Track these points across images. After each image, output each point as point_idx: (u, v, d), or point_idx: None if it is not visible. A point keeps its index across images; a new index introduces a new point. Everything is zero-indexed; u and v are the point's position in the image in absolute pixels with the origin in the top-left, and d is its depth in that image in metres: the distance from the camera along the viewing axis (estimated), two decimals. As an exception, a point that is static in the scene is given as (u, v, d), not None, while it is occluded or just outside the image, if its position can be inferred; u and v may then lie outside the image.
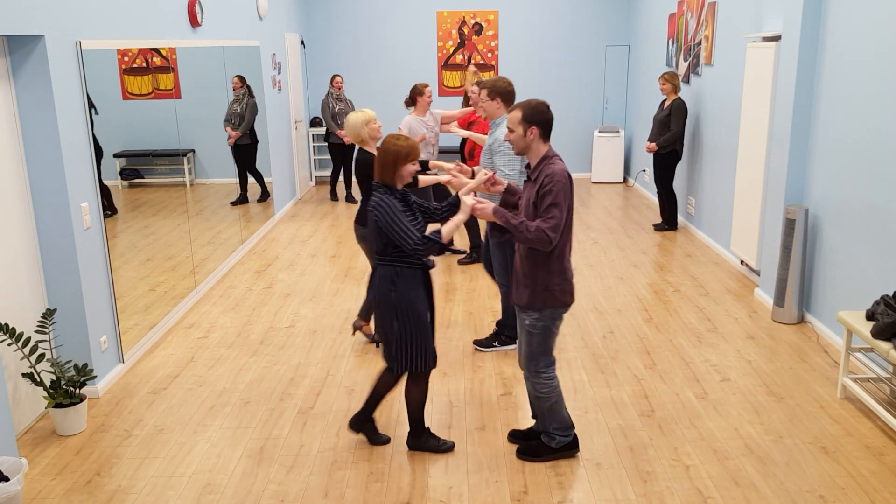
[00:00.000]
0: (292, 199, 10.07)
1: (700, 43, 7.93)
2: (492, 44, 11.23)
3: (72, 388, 4.21)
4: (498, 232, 3.73)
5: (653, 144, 8.02)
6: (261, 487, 3.71)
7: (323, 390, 4.72)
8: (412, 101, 6.78)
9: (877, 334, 3.98)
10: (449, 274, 6.97)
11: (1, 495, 3.27)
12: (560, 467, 3.83)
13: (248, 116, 7.76)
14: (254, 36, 8.30)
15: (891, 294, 4.15)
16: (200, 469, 3.88)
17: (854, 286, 4.95)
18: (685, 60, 8.44)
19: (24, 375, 4.07)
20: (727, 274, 6.83)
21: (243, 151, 7.80)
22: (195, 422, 4.36)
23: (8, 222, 4.13)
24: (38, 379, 4.09)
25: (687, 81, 8.39)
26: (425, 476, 3.78)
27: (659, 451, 3.95)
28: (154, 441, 4.16)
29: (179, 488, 3.72)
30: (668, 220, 8.33)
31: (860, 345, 4.86)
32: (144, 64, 5.54)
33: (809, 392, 4.56)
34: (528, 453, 3.89)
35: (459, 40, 11.23)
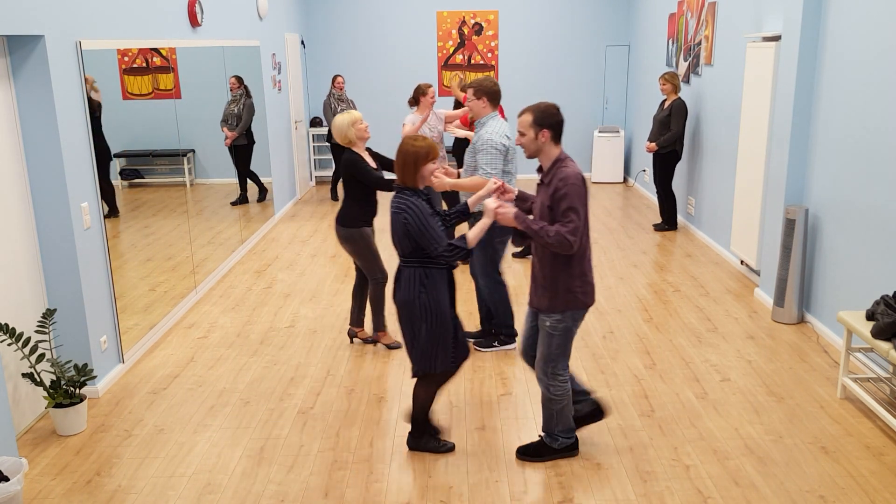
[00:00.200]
0: (292, 199, 10.08)
1: (700, 43, 7.93)
2: (492, 44, 11.24)
3: (72, 388, 4.21)
4: (519, 237, 3.73)
5: (653, 144, 8.02)
6: (261, 487, 3.71)
7: (323, 390, 4.72)
8: (415, 101, 6.82)
9: (877, 334, 3.98)
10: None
11: (1, 495, 3.27)
12: (560, 467, 3.83)
13: (245, 117, 7.75)
14: (254, 36, 8.30)
15: (891, 294, 4.15)
16: (200, 469, 3.88)
17: (854, 286, 4.95)
18: (685, 60, 8.45)
19: (24, 375, 4.08)
20: (727, 274, 6.83)
21: (240, 152, 7.80)
22: (195, 422, 4.36)
23: (8, 222, 4.13)
24: (38, 379, 4.09)
25: (687, 81, 8.39)
26: (425, 476, 3.78)
27: (659, 451, 3.95)
28: (154, 441, 4.16)
29: (179, 488, 3.72)
30: (668, 220, 8.33)
31: (860, 345, 4.86)
32: (144, 64, 5.54)
33: (809, 392, 4.56)
34: (529, 453, 3.89)
35: (459, 40, 11.23)
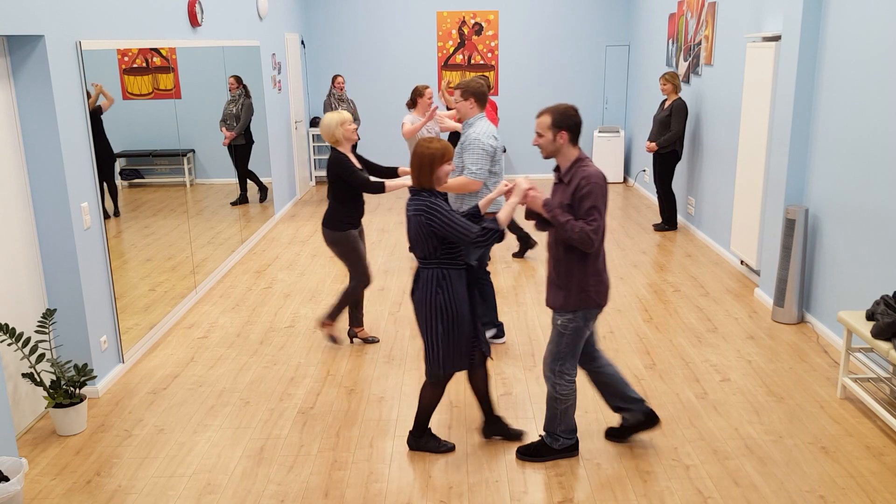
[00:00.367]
0: (292, 200, 10.07)
1: (700, 43, 7.93)
2: (492, 44, 11.24)
3: (72, 388, 4.21)
4: (541, 224, 3.73)
5: (653, 144, 8.02)
6: (261, 487, 3.71)
7: (323, 390, 4.72)
8: (413, 103, 6.84)
9: (877, 334, 3.98)
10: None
11: (1, 495, 3.27)
12: (560, 467, 3.83)
13: (244, 117, 7.74)
14: (254, 36, 8.30)
15: (891, 294, 4.15)
16: (200, 469, 3.88)
17: (854, 286, 4.95)
18: (685, 60, 8.45)
19: (24, 375, 4.07)
20: (727, 274, 6.83)
21: (238, 152, 7.79)
22: (195, 422, 4.36)
23: (8, 222, 4.13)
24: (38, 379, 4.09)
25: (687, 81, 8.39)
26: (425, 476, 3.78)
27: (659, 451, 3.95)
28: (154, 441, 4.16)
29: (179, 488, 3.72)
30: (668, 220, 8.33)
31: (860, 345, 4.86)
32: (144, 64, 5.54)
33: (809, 392, 4.56)
34: (529, 453, 3.89)
35: (459, 40, 11.23)
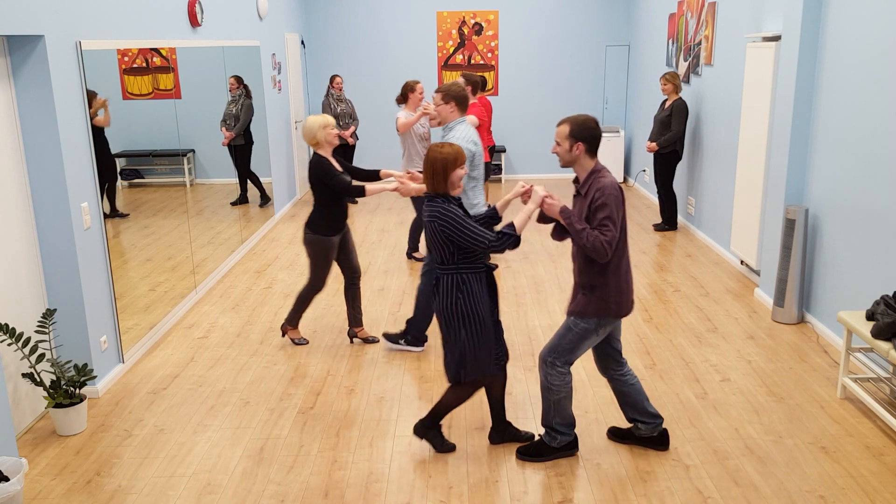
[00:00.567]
0: (292, 200, 10.08)
1: (700, 43, 7.93)
2: (492, 44, 11.24)
3: (72, 388, 4.21)
4: (558, 233, 3.72)
5: (653, 144, 8.02)
6: (261, 487, 3.71)
7: (323, 390, 4.72)
8: (404, 99, 6.83)
9: (877, 334, 3.98)
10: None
11: (1, 495, 3.27)
12: (560, 467, 3.83)
13: (243, 117, 7.74)
14: (254, 36, 8.30)
15: (891, 294, 4.15)
16: (200, 469, 3.88)
17: (854, 286, 4.95)
18: (685, 60, 8.45)
19: (24, 375, 4.07)
20: (727, 274, 6.83)
21: (238, 152, 7.79)
22: (195, 422, 4.36)
23: (8, 222, 4.13)
24: (38, 379, 4.09)
25: (687, 81, 8.39)
26: (425, 476, 3.78)
27: (659, 452, 3.95)
28: (154, 441, 4.16)
29: (179, 488, 3.72)
30: (668, 221, 8.34)
31: (860, 345, 4.86)
32: (144, 64, 5.54)
33: (809, 392, 4.56)
34: (528, 453, 3.89)
35: (459, 40, 11.23)
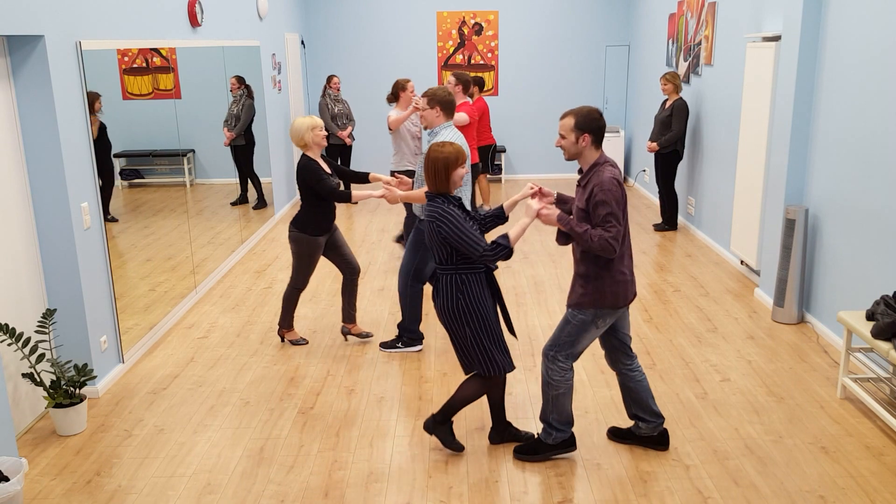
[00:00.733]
0: (292, 200, 10.08)
1: (700, 43, 7.93)
2: (492, 44, 11.24)
3: (72, 389, 4.21)
4: (563, 238, 3.72)
5: (654, 144, 8.02)
6: (261, 487, 3.71)
7: (323, 390, 4.72)
8: (395, 97, 6.83)
9: (877, 334, 3.98)
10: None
11: (1, 495, 3.27)
12: (560, 467, 3.83)
13: (244, 117, 7.74)
14: (254, 36, 8.30)
15: (891, 294, 4.15)
16: (200, 469, 3.88)
17: (854, 286, 4.95)
18: (685, 60, 8.45)
19: (24, 375, 4.07)
20: (727, 274, 6.83)
21: (238, 152, 7.79)
22: (195, 422, 4.36)
23: (8, 222, 4.13)
24: (38, 379, 4.09)
25: (687, 81, 8.39)
26: (425, 476, 3.78)
27: (659, 452, 3.95)
28: (154, 441, 4.16)
29: (179, 488, 3.72)
30: (668, 221, 8.34)
31: (860, 345, 4.86)
32: (144, 64, 5.54)
33: (809, 392, 4.56)
34: (525, 451, 3.88)
35: (459, 40, 11.23)
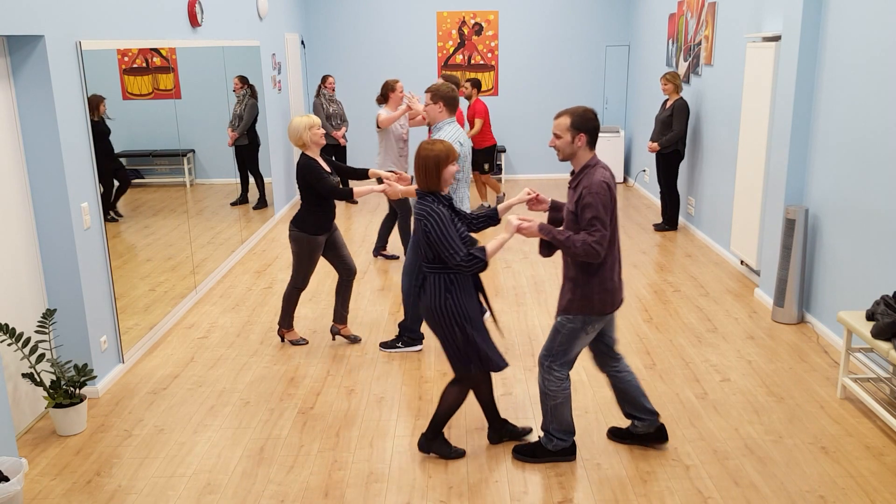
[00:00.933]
0: (291, 200, 10.08)
1: (700, 43, 7.93)
2: (492, 44, 11.24)
3: (72, 389, 4.21)
4: (546, 248, 3.71)
5: (655, 144, 8.02)
6: (261, 487, 3.71)
7: (323, 390, 4.72)
8: (384, 98, 6.85)
9: (877, 334, 3.98)
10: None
11: (1, 495, 3.27)
12: (560, 467, 3.83)
13: (246, 117, 7.75)
14: (254, 36, 8.31)
15: (891, 294, 4.15)
16: (200, 469, 3.88)
17: (854, 286, 4.95)
18: (685, 60, 8.45)
19: (24, 375, 4.07)
20: (727, 274, 6.83)
21: (242, 153, 7.80)
22: (195, 422, 4.36)
23: (8, 222, 4.13)
24: (38, 379, 4.09)
25: (687, 81, 8.39)
26: (425, 476, 3.78)
27: (659, 451, 3.95)
28: (154, 441, 4.16)
29: (179, 488, 3.72)
30: (668, 221, 8.34)
31: (860, 345, 4.86)
32: (144, 64, 5.54)
33: (809, 392, 4.56)
34: (524, 453, 3.88)
35: (459, 40, 11.23)
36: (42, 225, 4.40)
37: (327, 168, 5.03)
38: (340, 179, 5.16)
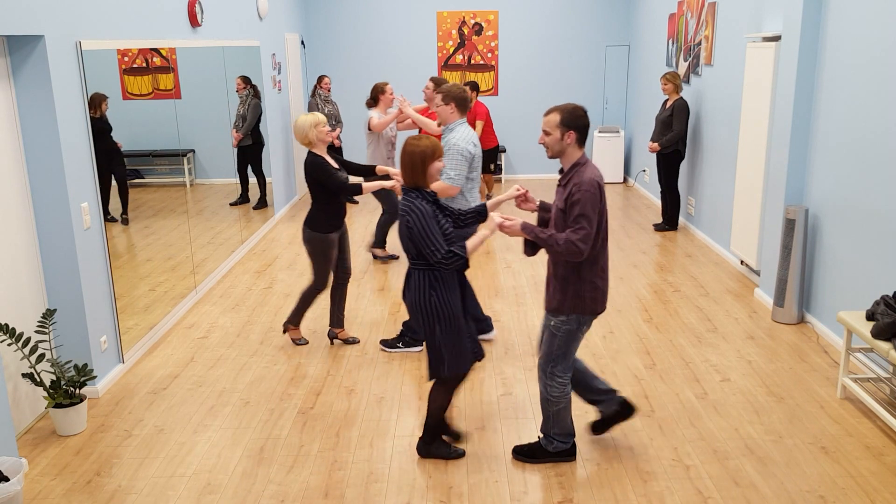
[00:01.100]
0: (291, 200, 10.08)
1: (700, 43, 7.93)
2: (492, 44, 11.24)
3: (72, 389, 4.21)
4: (530, 248, 3.71)
5: (655, 144, 8.02)
6: (261, 487, 3.71)
7: (323, 390, 4.72)
8: (374, 101, 6.88)
9: (877, 334, 3.98)
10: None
11: (1, 495, 3.27)
12: (560, 467, 3.83)
13: (250, 118, 7.75)
14: (254, 36, 8.31)
15: (891, 294, 4.15)
16: (200, 469, 3.88)
17: (854, 286, 4.95)
18: (685, 60, 8.45)
19: (24, 375, 4.07)
20: (727, 274, 6.83)
21: (245, 153, 7.80)
22: (195, 422, 4.36)
23: (8, 222, 4.13)
24: (38, 379, 4.09)
25: (687, 81, 8.39)
26: (425, 476, 3.78)
27: (659, 451, 3.95)
28: (154, 441, 4.16)
29: (179, 488, 3.72)
30: (669, 221, 8.34)
31: (860, 345, 4.86)
32: (144, 64, 5.54)
33: (809, 392, 4.56)
34: (524, 453, 3.88)
35: (459, 40, 11.23)
36: (42, 225, 4.40)
37: (335, 165, 5.05)
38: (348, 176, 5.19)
